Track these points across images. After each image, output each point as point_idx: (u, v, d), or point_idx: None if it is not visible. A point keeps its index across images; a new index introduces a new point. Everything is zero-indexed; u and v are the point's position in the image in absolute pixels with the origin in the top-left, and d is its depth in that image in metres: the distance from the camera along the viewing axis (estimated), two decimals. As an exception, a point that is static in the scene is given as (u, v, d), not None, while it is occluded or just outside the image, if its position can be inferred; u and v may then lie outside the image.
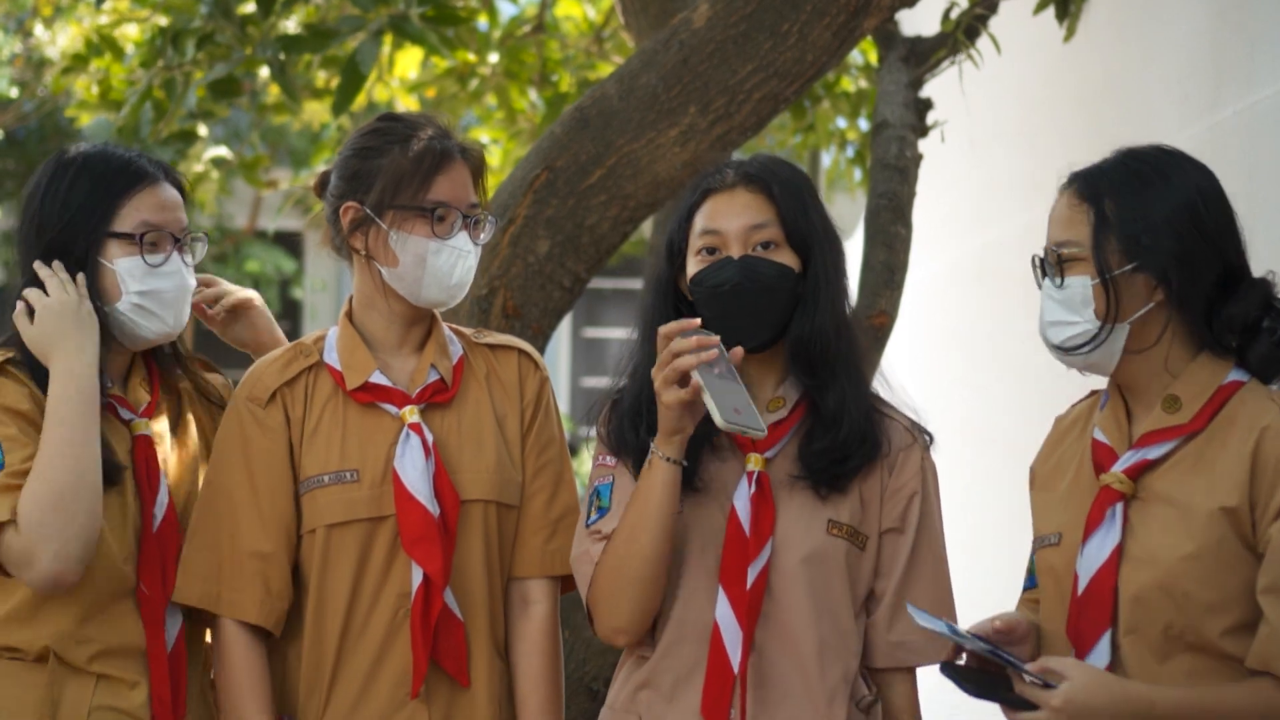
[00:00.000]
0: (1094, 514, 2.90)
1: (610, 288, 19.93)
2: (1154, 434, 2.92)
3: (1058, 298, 2.94)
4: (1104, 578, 2.87)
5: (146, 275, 3.22)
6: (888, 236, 5.45)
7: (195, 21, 5.78)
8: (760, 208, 3.15)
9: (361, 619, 3.21)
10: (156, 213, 3.24)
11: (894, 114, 5.70)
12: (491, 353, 3.38)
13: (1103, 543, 2.88)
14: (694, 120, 4.46)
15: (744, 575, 3.07)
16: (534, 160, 4.55)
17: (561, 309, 4.57)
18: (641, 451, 3.13)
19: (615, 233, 4.55)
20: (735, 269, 3.11)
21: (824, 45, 4.44)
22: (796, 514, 3.12)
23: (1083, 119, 6.55)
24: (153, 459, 3.26)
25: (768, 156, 3.26)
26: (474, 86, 7.54)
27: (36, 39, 12.52)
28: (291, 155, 14.36)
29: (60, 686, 3.17)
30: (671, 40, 4.51)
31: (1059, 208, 3.00)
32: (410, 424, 3.22)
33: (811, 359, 3.15)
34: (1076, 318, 2.93)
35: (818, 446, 3.13)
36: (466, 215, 3.25)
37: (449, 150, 3.26)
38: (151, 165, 3.29)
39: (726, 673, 3.06)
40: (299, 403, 3.27)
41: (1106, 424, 2.99)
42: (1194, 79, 5.54)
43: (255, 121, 8.52)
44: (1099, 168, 3.02)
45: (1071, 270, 2.94)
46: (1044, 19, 6.18)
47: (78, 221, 3.21)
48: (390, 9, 5.21)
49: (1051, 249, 2.96)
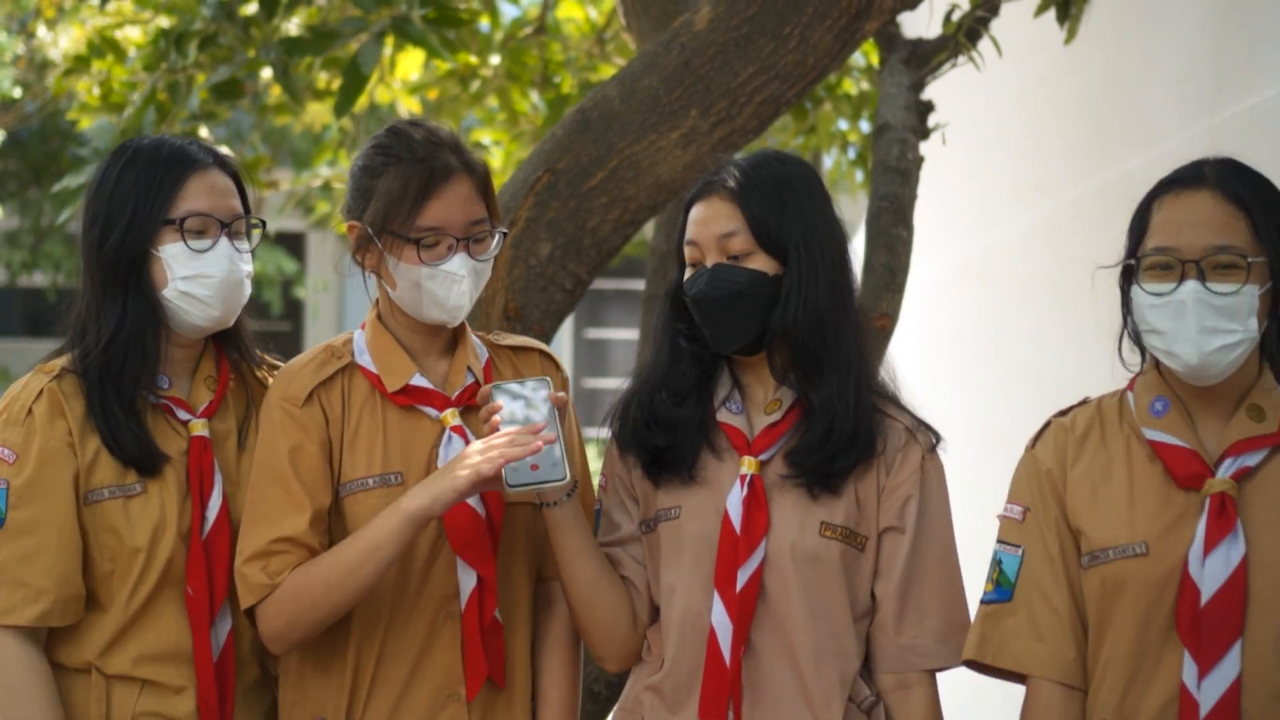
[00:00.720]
0: (1214, 523, 2.86)
1: (612, 289, 19.95)
2: (1246, 442, 2.91)
3: (1218, 305, 2.87)
4: (1234, 587, 2.83)
5: (191, 260, 3.23)
6: (889, 239, 5.45)
7: (198, 23, 5.78)
8: (730, 215, 3.16)
9: (402, 621, 3.21)
10: (203, 199, 3.25)
11: (895, 116, 5.70)
12: (514, 355, 3.39)
13: (1230, 552, 2.85)
14: (695, 123, 4.46)
15: (735, 578, 3.08)
16: (535, 163, 4.56)
17: (563, 311, 4.57)
18: (636, 439, 3.20)
19: (617, 235, 4.55)
20: (705, 279, 3.15)
21: (825, 48, 4.44)
22: (789, 516, 3.13)
23: (1083, 121, 6.56)
24: (207, 461, 3.25)
25: (758, 155, 3.27)
26: (476, 88, 7.55)
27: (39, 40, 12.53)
28: (293, 156, 14.37)
29: (105, 698, 3.19)
30: (673, 43, 4.52)
31: (1202, 208, 2.94)
32: (453, 426, 3.22)
33: (790, 358, 3.17)
34: (1238, 326, 2.88)
35: (804, 444, 3.14)
36: (464, 236, 3.20)
37: (441, 170, 3.19)
38: (202, 152, 3.30)
39: (723, 675, 3.07)
40: (336, 403, 3.25)
41: (1178, 430, 2.95)
42: (1194, 81, 5.54)
43: (257, 123, 8.52)
44: (1232, 169, 2.99)
45: (1229, 277, 2.88)
46: (1044, 21, 6.18)
47: (135, 215, 3.23)
48: (392, 11, 5.22)
49: (1210, 252, 2.89)
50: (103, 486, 3.20)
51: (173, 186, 3.24)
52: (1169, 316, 2.89)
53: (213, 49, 5.71)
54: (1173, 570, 2.88)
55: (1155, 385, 3.00)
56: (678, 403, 3.20)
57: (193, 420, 3.27)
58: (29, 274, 18.36)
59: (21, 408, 3.22)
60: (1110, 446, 3.01)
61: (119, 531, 3.19)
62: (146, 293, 3.24)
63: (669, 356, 3.24)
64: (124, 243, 3.23)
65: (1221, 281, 2.88)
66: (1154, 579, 2.90)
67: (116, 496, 3.21)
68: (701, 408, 3.20)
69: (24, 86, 13.60)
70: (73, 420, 3.21)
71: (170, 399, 3.28)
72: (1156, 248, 2.92)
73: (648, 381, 3.25)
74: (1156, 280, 2.92)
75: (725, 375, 3.23)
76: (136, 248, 3.23)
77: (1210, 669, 2.83)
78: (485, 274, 3.27)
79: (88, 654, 3.20)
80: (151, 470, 3.21)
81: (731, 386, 3.22)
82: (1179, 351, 2.89)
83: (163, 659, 3.21)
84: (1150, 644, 2.90)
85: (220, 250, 3.25)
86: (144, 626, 3.21)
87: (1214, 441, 2.94)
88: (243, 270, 3.28)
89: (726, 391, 3.21)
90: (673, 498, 3.19)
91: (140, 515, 3.21)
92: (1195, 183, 2.95)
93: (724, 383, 3.22)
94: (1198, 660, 2.84)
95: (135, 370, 3.23)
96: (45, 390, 3.23)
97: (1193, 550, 2.86)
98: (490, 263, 3.27)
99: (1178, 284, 2.89)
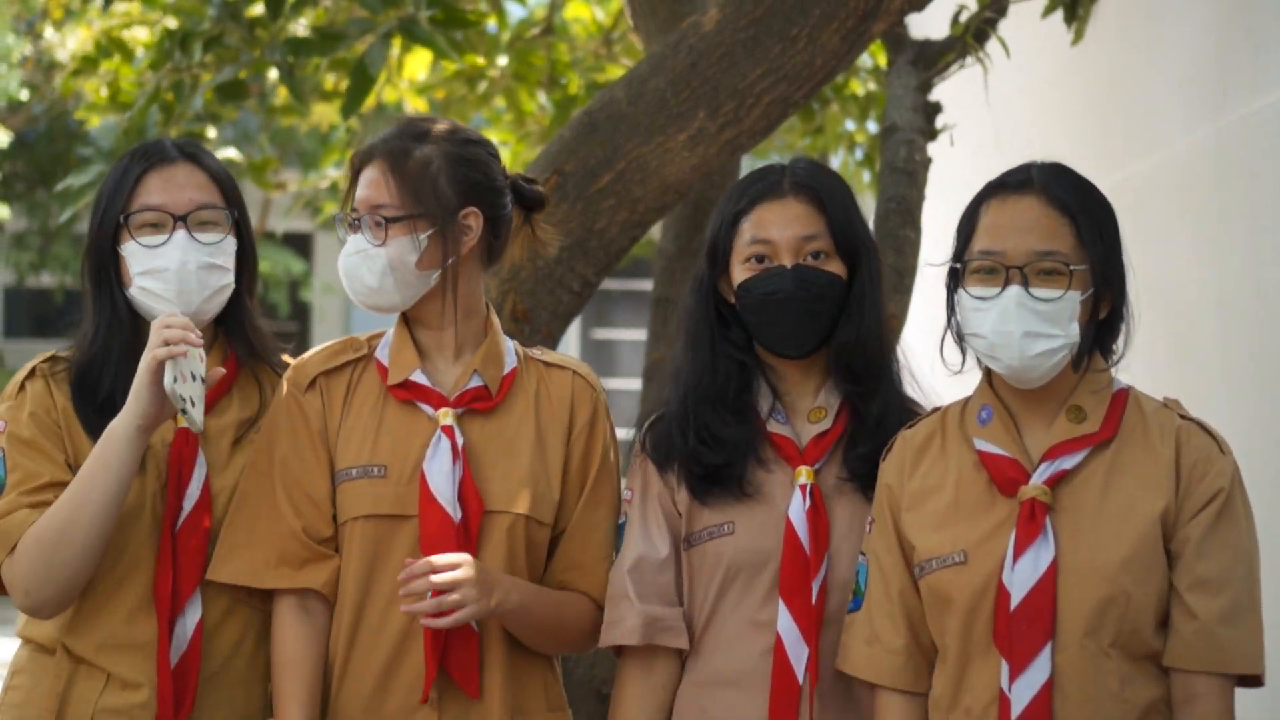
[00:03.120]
0: (1023, 529, 2.90)
1: (619, 289, 19.92)
2: (1065, 444, 2.95)
3: (1040, 310, 2.91)
4: (1043, 591, 2.87)
5: (144, 256, 3.24)
6: (897, 240, 5.45)
7: (204, 24, 5.78)
8: (811, 218, 3.17)
9: (377, 618, 3.21)
10: (155, 194, 3.25)
11: (903, 117, 5.70)
12: (545, 370, 3.35)
13: (1038, 556, 2.89)
14: (703, 124, 4.45)
15: (808, 588, 3.09)
16: (543, 164, 4.55)
17: (571, 312, 4.57)
18: (688, 458, 3.17)
19: (624, 236, 4.55)
20: (789, 279, 3.14)
21: (833, 49, 4.44)
22: (848, 524, 3.14)
23: (1088, 124, 6.55)
24: (189, 453, 3.24)
25: (810, 161, 3.29)
26: (483, 89, 7.54)
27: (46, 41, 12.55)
28: (300, 157, 14.36)
29: (69, 681, 3.20)
30: (680, 44, 4.51)
31: (1028, 213, 2.96)
32: (443, 426, 3.21)
33: (854, 366, 3.18)
34: (1058, 331, 2.92)
35: (862, 450, 3.16)
36: (364, 216, 3.22)
37: (363, 153, 3.27)
38: (174, 148, 3.31)
39: (792, 686, 3.08)
40: (339, 392, 3.27)
41: (999, 438, 2.98)
42: (1199, 83, 5.54)
43: (264, 123, 8.52)
44: (1060, 174, 3.01)
45: (1051, 283, 2.92)
46: (1051, 22, 6.18)
47: (103, 215, 3.27)
48: (399, 12, 5.22)
49: (1034, 258, 2.92)
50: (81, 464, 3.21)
51: (131, 184, 3.26)
52: (992, 320, 2.93)
53: (218, 49, 5.71)
54: (990, 578, 2.91)
55: (983, 392, 3.05)
56: (731, 416, 3.18)
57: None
58: (37, 275, 18.37)
59: (15, 384, 3.28)
60: (949, 456, 3.04)
61: None
62: (120, 291, 3.27)
63: (712, 366, 3.21)
64: (95, 242, 3.28)
65: (1044, 287, 2.91)
66: (972, 587, 2.93)
67: None
68: (750, 420, 3.19)
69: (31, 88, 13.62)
70: (59, 398, 3.24)
71: None
72: (982, 251, 2.95)
73: (691, 394, 3.21)
74: (981, 284, 2.95)
75: (763, 385, 3.22)
76: (105, 247, 3.27)
77: (1021, 671, 2.87)
78: (381, 261, 3.21)
79: (56, 630, 3.21)
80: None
81: (773, 397, 3.21)
82: (1001, 355, 2.93)
83: (125, 648, 3.21)
84: (974, 649, 2.93)
85: (175, 243, 3.23)
86: (110, 611, 3.21)
87: (1038, 445, 2.97)
88: (202, 261, 3.26)
89: (770, 401, 3.21)
90: (723, 514, 3.16)
91: None
92: (1022, 187, 2.97)
93: (764, 393, 3.22)
94: (1010, 663, 2.87)
95: (111, 369, 3.25)
96: (36, 369, 3.29)
97: (1007, 557, 2.90)
98: (393, 248, 3.20)
99: (1001, 289, 2.92)
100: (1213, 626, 2.87)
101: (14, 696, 3.26)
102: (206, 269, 3.26)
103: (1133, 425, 2.98)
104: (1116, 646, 2.87)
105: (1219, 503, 2.92)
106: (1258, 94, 5.04)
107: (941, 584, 2.96)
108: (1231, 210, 5.23)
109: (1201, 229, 5.45)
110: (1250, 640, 2.89)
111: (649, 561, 3.19)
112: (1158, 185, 5.78)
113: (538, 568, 3.28)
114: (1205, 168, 5.40)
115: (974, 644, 2.93)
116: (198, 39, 5.70)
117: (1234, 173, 5.20)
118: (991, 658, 2.91)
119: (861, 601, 3.06)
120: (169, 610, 3.20)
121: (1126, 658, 2.88)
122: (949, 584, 2.95)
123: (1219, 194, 5.32)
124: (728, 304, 3.23)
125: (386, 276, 3.22)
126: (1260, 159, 4.99)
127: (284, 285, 18.59)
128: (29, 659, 3.28)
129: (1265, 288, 4.98)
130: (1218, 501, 2.92)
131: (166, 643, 3.19)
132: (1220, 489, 2.92)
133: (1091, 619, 2.87)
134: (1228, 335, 5.27)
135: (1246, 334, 5.13)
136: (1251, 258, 5.07)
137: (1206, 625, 2.87)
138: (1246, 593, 2.90)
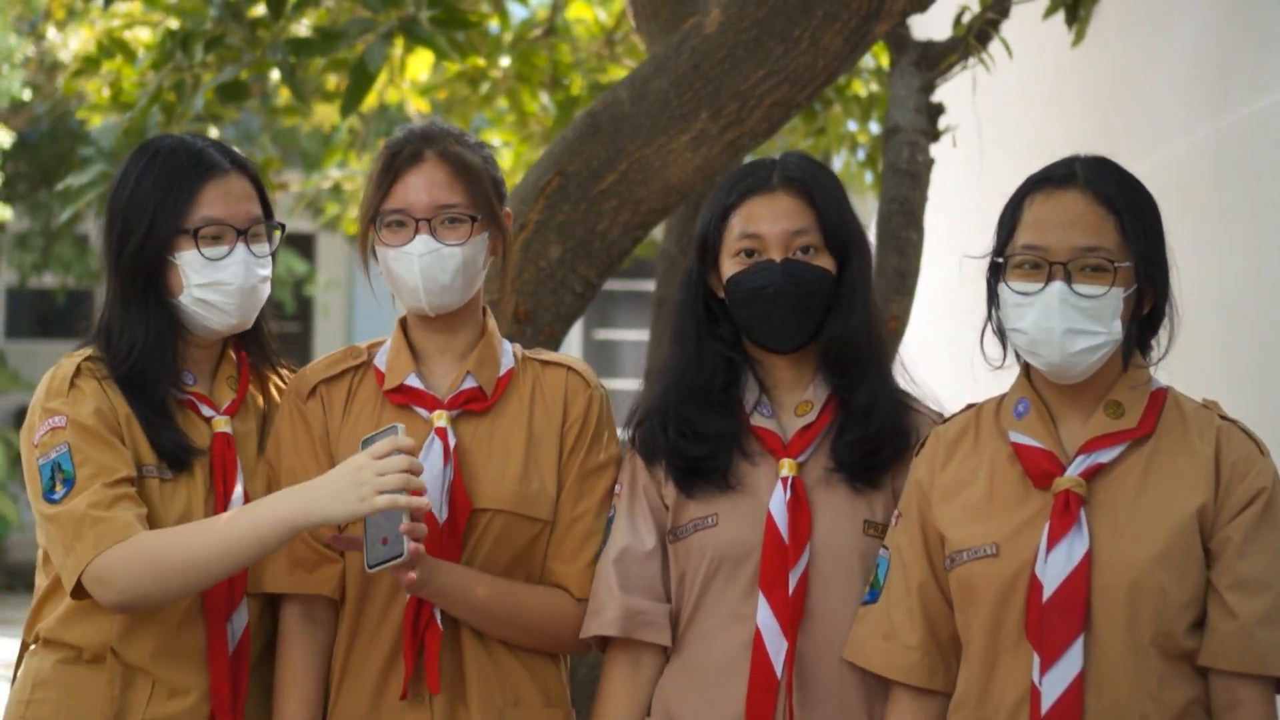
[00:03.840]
0: (1058, 520, 2.90)
1: (622, 290, 19.91)
2: (1102, 439, 2.95)
3: (1084, 307, 2.91)
4: (1076, 583, 2.87)
5: (205, 268, 3.23)
6: (899, 241, 5.45)
7: (205, 24, 5.78)
8: (801, 212, 3.18)
9: (376, 618, 3.23)
10: (218, 206, 3.25)
11: (905, 119, 5.70)
12: (542, 368, 3.37)
13: (1071, 548, 2.88)
14: (705, 126, 4.46)
15: (785, 581, 3.09)
16: (545, 166, 4.56)
17: (573, 314, 4.57)
18: (671, 453, 3.18)
19: (626, 238, 4.55)
20: (779, 273, 3.15)
21: (836, 50, 4.44)
22: (834, 517, 3.15)
23: (1090, 124, 6.55)
24: (230, 457, 3.27)
25: (801, 155, 3.29)
26: (485, 89, 7.55)
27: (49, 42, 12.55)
28: (303, 157, 14.36)
29: (123, 690, 3.18)
30: (683, 45, 4.52)
31: (1073, 209, 2.96)
32: (436, 428, 3.23)
33: (843, 359, 3.18)
34: (1101, 328, 2.92)
35: (849, 439, 3.17)
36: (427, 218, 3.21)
37: (409, 155, 3.24)
38: (221, 156, 3.29)
39: (770, 679, 3.08)
40: (339, 399, 3.30)
41: (1035, 431, 2.99)
42: (1201, 83, 5.54)
43: (266, 124, 8.53)
44: (1104, 169, 3.01)
45: (1095, 279, 2.92)
46: (1052, 23, 6.18)
47: (152, 223, 3.23)
48: (400, 12, 5.22)
49: (1078, 254, 2.92)
50: (142, 465, 3.22)
51: (189, 194, 3.24)
52: (1035, 316, 2.93)
53: (220, 49, 5.71)
54: (1021, 570, 2.91)
55: (1021, 386, 3.05)
56: (713, 411, 3.19)
57: (216, 417, 3.29)
58: (39, 276, 18.37)
59: (63, 380, 3.23)
60: (982, 450, 3.04)
61: (155, 510, 3.21)
62: (164, 299, 3.26)
63: (698, 360, 3.23)
64: (142, 250, 3.24)
65: (1088, 284, 2.92)
66: (1003, 579, 2.93)
67: (153, 476, 3.22)
68: (734, 414, 3.20)
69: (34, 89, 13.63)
70: (115, 399, 3.22)
71: (195, 394, 3.30)
72: (1025, 245, 2.96)
73: (674, 388, 3.23)
74: (1024, 279, 2.95)
75: (751, 379, 3.23)
76: (154, 256, 3.24)
77: (1052, 664, 2.86)
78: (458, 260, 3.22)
79: (107, 635, 3.19)
80: (183, 465, 3.24)
81: (759, 389, 3.22)
82: (1043, 351, 2.93)
83: (177, 654, 3.21)
84: (1004, 643, 2.93)
85: (237, 257, 3.25)
86: (162, 617, 3.20)
87: (1074, 439, 2.97)
88: (259, 275, 3.29)
89: (756, 395, 3.22)
90: (708, 506, 3.18)
91: (170, 500, 3.23)
92: (1066, 182, 2.98)
93: (751, 386, 3.23)
94: (1041, 655, 2.87)
95: (161, 376, 3.25)
96: (81, 367, 3.25)
97: (1040, 548, 2.90)
98: (470, 247, 3.23)
99: (1045, 284, 2.93)
100: (1251, 627, 2.85)
101: (41, 710, 3.21)
102: (261, 282, 3.30)
103: (1171, 423, 2.98)
104: (1154, 645, 2.86)
105: (1261, 503, 2.91)
106: (1259, 94, 5.04)
107: (972, 576, 2.96)
108: (1233, 210, 5.23)
109: (1203, 229, 5.45)
110: None
111: (633, 553, 3.21)
112: (1159, 185, 5.74)
113: (533, 564, 3.29)
114: (1206, 167, 5.40)
115: (1004, 638, 2.92)
116: (199, 39, 5.70)
117: (1235, 173, 5.20)
118: (1023, 652, 2.90)
119: (878, 595, 3.06)
120: (224, 614, 3.22)
121: (1163, 657, 2.87)
122: (979, 576, 2.95)
123: (1220, 194, 5.32)
124: (716, 299, 3.24)
125: (459, 275, 3.24)
126: (1262, 159, 4.99)
127: (287, 285, 18.60)
128: (54, 670, 3.22)
129: (1267, 287, 4.98)
130: (1260, 502, 2.91)
131: (223, 646, 3.20)
132: (1263, 489, 2.92)
133: (1127, 613, 2.86)
134: (1229, 335, 5.27)
135: (1247, 333, 5.13)
136: (1253, 257, 5.07)
137: (1245, 626, 2.85)
138: None
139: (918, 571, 3.03)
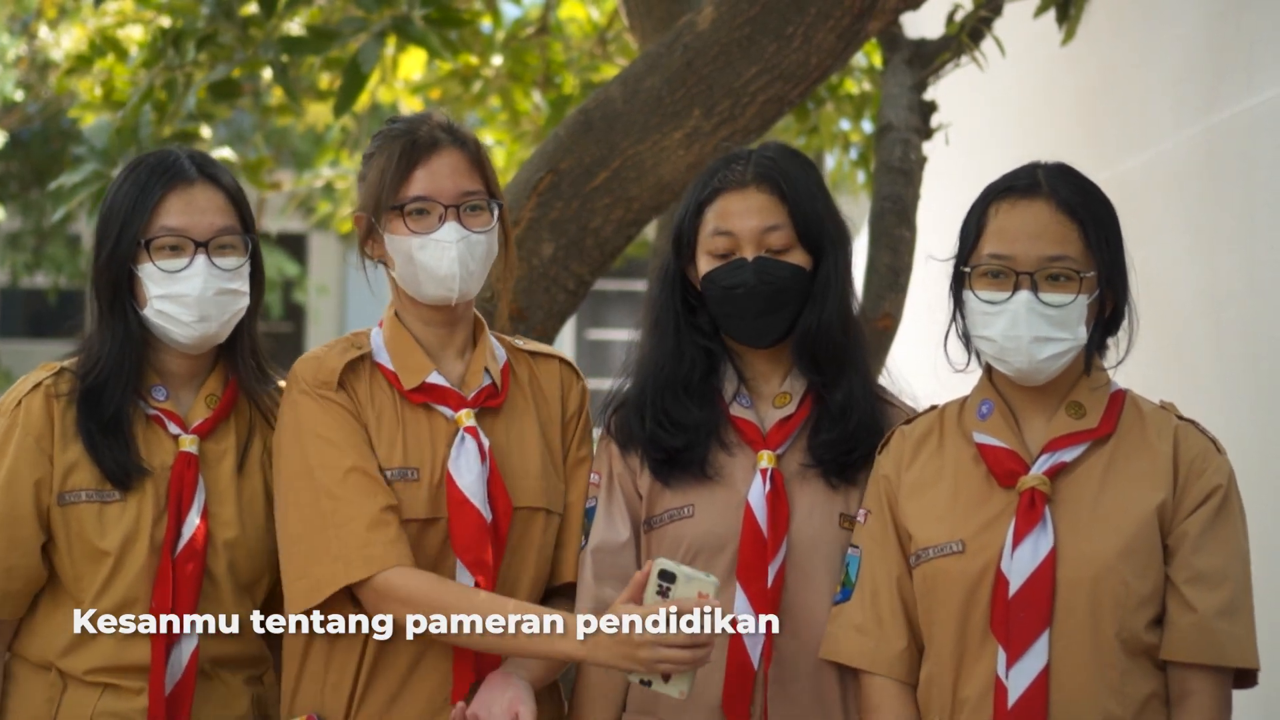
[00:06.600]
0: (1023, 517, 2.94)
1: (614, 289, 19.92)
2: (1064, 438, 2.99)
3: (1050, 315, 2.94)
4: (1041, 579, 2.91)
5: (164, 280, 3.19)
6: (892, 239, 5.45)
7: (198, 22, 5.78)
8: (773, 209, 3.17)
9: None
10: (178, 216, 3.20)
11: (898, 116, 5.70)
12: (533, 360, 3.36)
13: (1037, 545, 2.92)
14: (698, 123, 4.46)
15: (764, 573, 3.09)
16: (538, 163, 4.56)
17: (565, 312, 4.57)
18: (648, 443, 3.17)
19: (619, 235, 4.56)
20: (750, 272, 3.14)
21: (828, 48, 4.45)
22: (809, 509, 3.15)
23: (1080, 121, 6.56)
24: (189, 478, 3.21)
25: (777, 148, 3.26)
26: (478, 88, 7.55)
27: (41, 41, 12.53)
28: (295, 157, 14.36)
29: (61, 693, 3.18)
30: (676, 43, 4.52)
31: (1038, 218, 2.98)
32: (466, 427, 3.19)
33: (817, 355, 3.18)
34: (1067, 334, 2.96)
35: (825, 438, 3.17)
36: (453, 204, 3.17)
37: (427, 141, 3.18)
38: (192, 166, 3.25)
39: (747, 670, 3.08)
40: (362, 389, 3.21)
41: (999, 431, 3.02)
42: (1191, 82, 5.54)
43: (258, 123, 8.52)
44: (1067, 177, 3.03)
45: (1061, 288, 2.95)
46: (1043, 21, 6.18)
47: (120, 234, 3.21)
48: (393, 11, 5.22)
49: (1044, 264, 2.95)
50: (80, 489, 3.18)
51: (149, 204, 3.20)
52: (1003, 325, 2.96)
53: (212, 48, 5.70)
54: (987, 566, 2.95)
55: (984, 388, 3.09)
56: (691, 401, 3.19)
57: (182, 436, 3.23)
58: (31, 275, 18.36)
59: (14, 399, 3.22)
60: (946, 450, 3.08)
61: (88, 536, 3.17)
62: (134, 310, 3.23)
63: (676, 352, 3.23)
64: (110, 261, 3.22)
65: (1055, 292, 2.95)
66: (969, 574, 2.96)
67: (93, 500, 3.19)
68: (713, 405, 3.20)
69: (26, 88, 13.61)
70: (59, 419, 3.20)
71: (163, 411, 3.25)
72: (991, 254, 2.98)
73: (652, 379, 3.22)
74: (990, 288, 2.98)
75: (730, 369, 3.23)
76: (121, 266, 3.21)
77: (1018, 658, 2.90)
78: (484, 248, 3.21)
79: (50, 653, 3.19)
80: (126, 485, 3.19)
81: (738, 381, 3.22)
82: (1011, 359, 2.97)
83: (123, 671, 3.18)
84: (970, 638, 2.96)
85: (196, 269, 3.18)
86: (104, 638, 3.17)
87: (1037, 439, 3.02)
88: (222, 288, 3.21)
89: (735, 386, 3.22)
90: (684, 496, 3.18)
91: (115, 522, 3.18)
92: (1031, 191, 3.00)
93: (730, 377, 3.23)
94: (1007, 650, 2.91)
95: (119, 388, 3.21)
96: (41, 385, 3.22)
97: (1005, 545, 2.94)
98: (492, 236, 3.21)
99: (1011, 293, 2.95)
100: (1210, 620, 2.90)
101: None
102: (226, 294, 3.22)
103: (1130, 423, 3.02)
104: (1117, 639, 2.90)
105: (1217, 499, 2.96)
106: (1250, 91, 5.05)
107: (938, 572, 2.99)
108: (1224, 208, 5.24)
109: (1194, 226, 5.46)
110: (1246, 635, 2.92)
111: (609, 544, 3.20)
112: (1150, 182, 5.78)
113: (550, 559, 3.28)
114: (1197, 165, 5.41)
115: (970, 634, 2.96)
116: (191, 37, 5.70)
117: (1226, 170, 5.21)
118: (988, 648, 2.93)
119: (850, 593, 3.07)
120: (165, 636, 3.16)
121: (1125, 651, 2.91)
122: (945, 572, 2.98)
123: (1211, 191, 5.33)
124: (695, 292, 3.24)
125: (484, 263, 3.22)
126: (1252, 156, 5.00)
127: (278, 287, 18.58)
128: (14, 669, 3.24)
129: (1258, 285, 4.99)
130: (1216, 498, 2.96)
131: (161, 669, 3.16)
132: (1218, 485, 2.97)
133: (1091, 608, 2.90)
134: (1221, 332, 5.27)
135: (1240, 331, 5.14)
136: (1244, 255, 5.07)
137: (1204, 618, 2.90)
138: (1242, 589, 2.94)
139: (894, 565, 3.05)
